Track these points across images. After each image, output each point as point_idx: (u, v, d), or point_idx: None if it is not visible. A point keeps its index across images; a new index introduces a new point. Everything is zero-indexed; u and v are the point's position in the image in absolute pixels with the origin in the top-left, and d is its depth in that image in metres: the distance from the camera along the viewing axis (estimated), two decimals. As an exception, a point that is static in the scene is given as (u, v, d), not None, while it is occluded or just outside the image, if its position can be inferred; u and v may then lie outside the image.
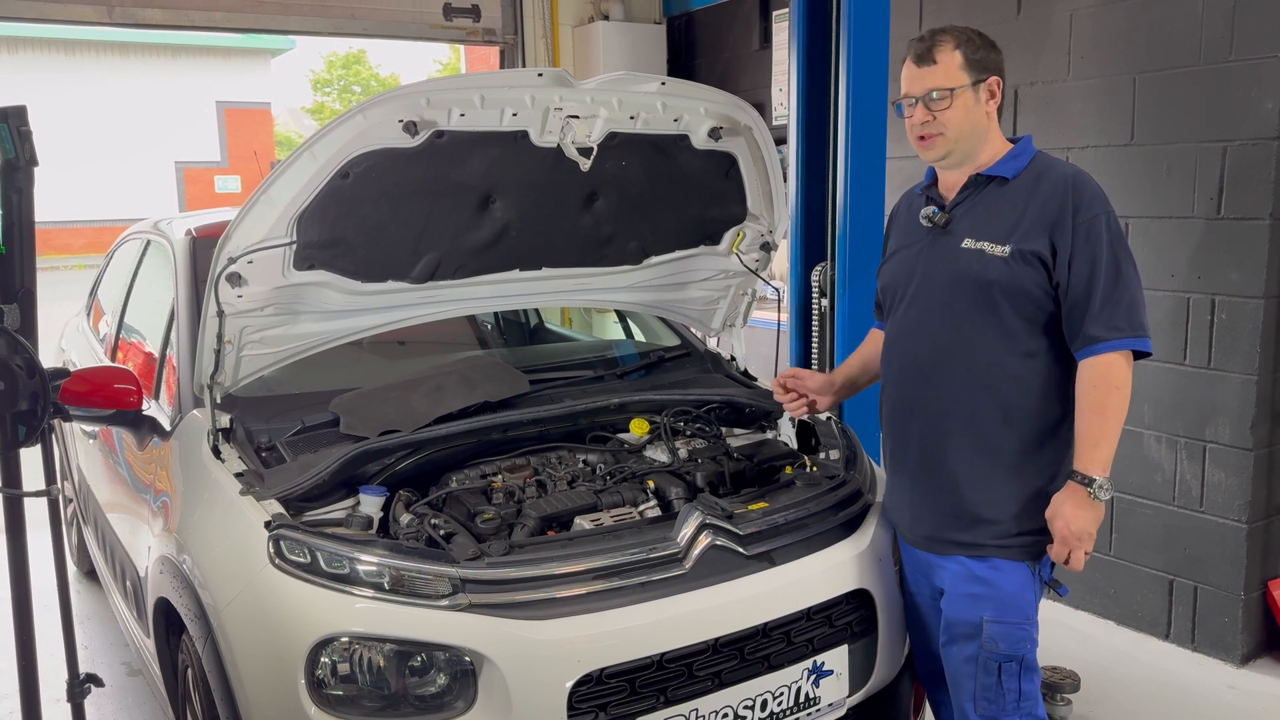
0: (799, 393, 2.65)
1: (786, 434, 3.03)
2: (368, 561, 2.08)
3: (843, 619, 2.38)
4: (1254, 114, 3.38)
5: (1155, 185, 3.68)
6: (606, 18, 6.17)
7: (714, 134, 2.75)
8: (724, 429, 2.96)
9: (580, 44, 6.25)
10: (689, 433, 2.87)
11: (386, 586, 2.05)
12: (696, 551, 2.23)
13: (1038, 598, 2.25)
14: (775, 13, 5.61)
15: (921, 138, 2.22)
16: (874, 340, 2.62)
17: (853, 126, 3.67)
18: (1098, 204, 2.12)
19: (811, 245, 3.98)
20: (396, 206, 2.50)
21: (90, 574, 4.38)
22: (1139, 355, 2.12)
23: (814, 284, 3.92)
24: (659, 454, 2.77)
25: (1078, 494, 2.11)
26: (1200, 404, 3.61)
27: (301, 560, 2.10)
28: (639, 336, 3.74)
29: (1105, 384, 2.09)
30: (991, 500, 2.21)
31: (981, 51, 2.18)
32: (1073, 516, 2.11)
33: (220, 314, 2.44)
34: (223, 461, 2.45)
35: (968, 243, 2.20)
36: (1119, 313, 2.08)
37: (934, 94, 2.16)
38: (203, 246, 3.10)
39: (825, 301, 3.88)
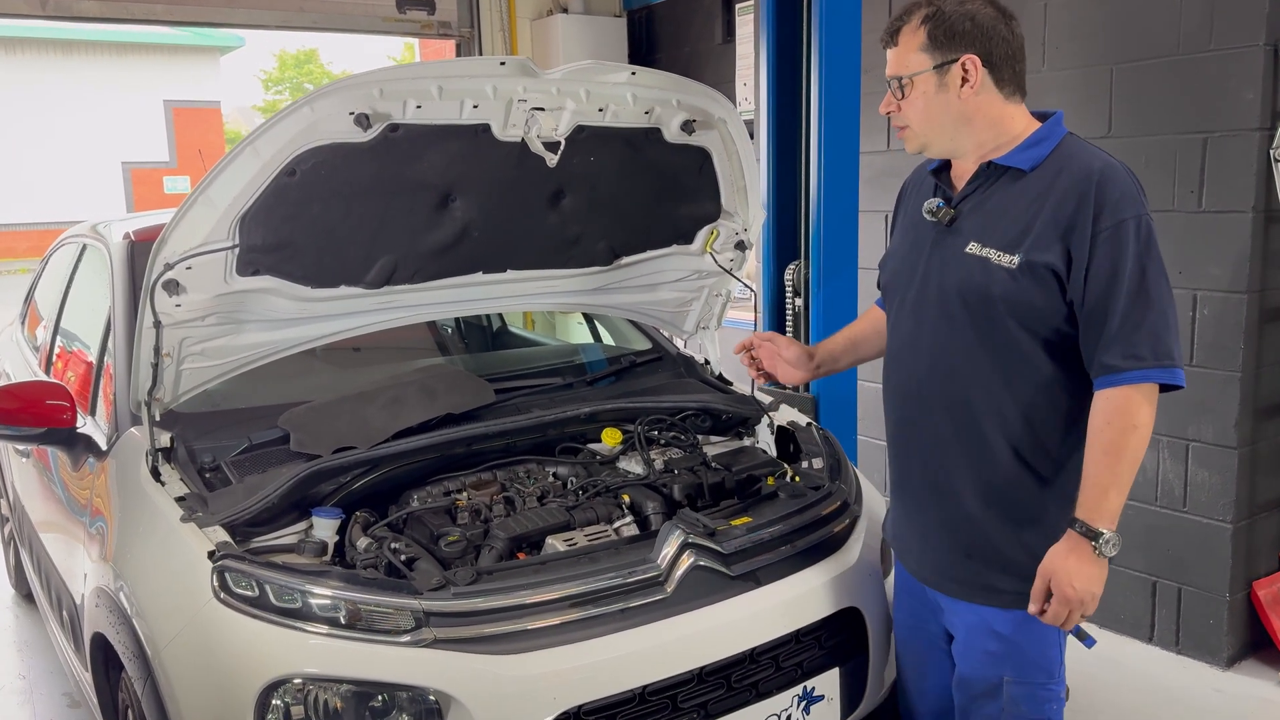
0: (766, 359, 2.39)
1: (765, 441, 2.90)
2: (321, 594, 1.91)
3: (832, 640, 2.25)
4: (1235, 104, 3.30)
5: (1134, 178, 3.59)
6: (565, 11, 6.01)
7: (687, 127, 2.61)
8: (700, 437, 2.82)
9: (539, 37, 6.09)
10: (663, 441, 2.73)
11: (343, 621, 1.88)
12: (679, 573, 2.08)
13: (1063, 650, 2.02)
14: (738, 5, 5.48)
15: (898, 128, 1.99)
16: (870, 319, 2.37)
17: (826, 119, 3.55)
18: (1127, 206, 1.78)
19: (784, 243, 3.86)
20: (348, 206, 2.32)
21: (29, 597, 4.14)
22: (1166, 388, 1.81)
23: (787, 283, 3.80)
24: (633, 465, 2.62)
25: (1080, 548, 1.81)
26: (1182, 402, 3.52)
27: (249, 594, 1.92)
28: (607, 339, 3.59)
29: (1121, 421, 1.78)
30: (1008, 540, 1.95)
31: (954, 24, 1.85)
32: (1076, 573, 1.80)
33: (157, 325, 2.26)
34: (162, 484, 2.27)
35: (972, 247, 1.89)
36: (1140, 338, 1.77)
37: (894, 81, 1.93)
38: (141, 251, 2.91)
39: (799, 301, 3.75)
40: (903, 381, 2.07)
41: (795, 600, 2.18)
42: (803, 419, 2.92)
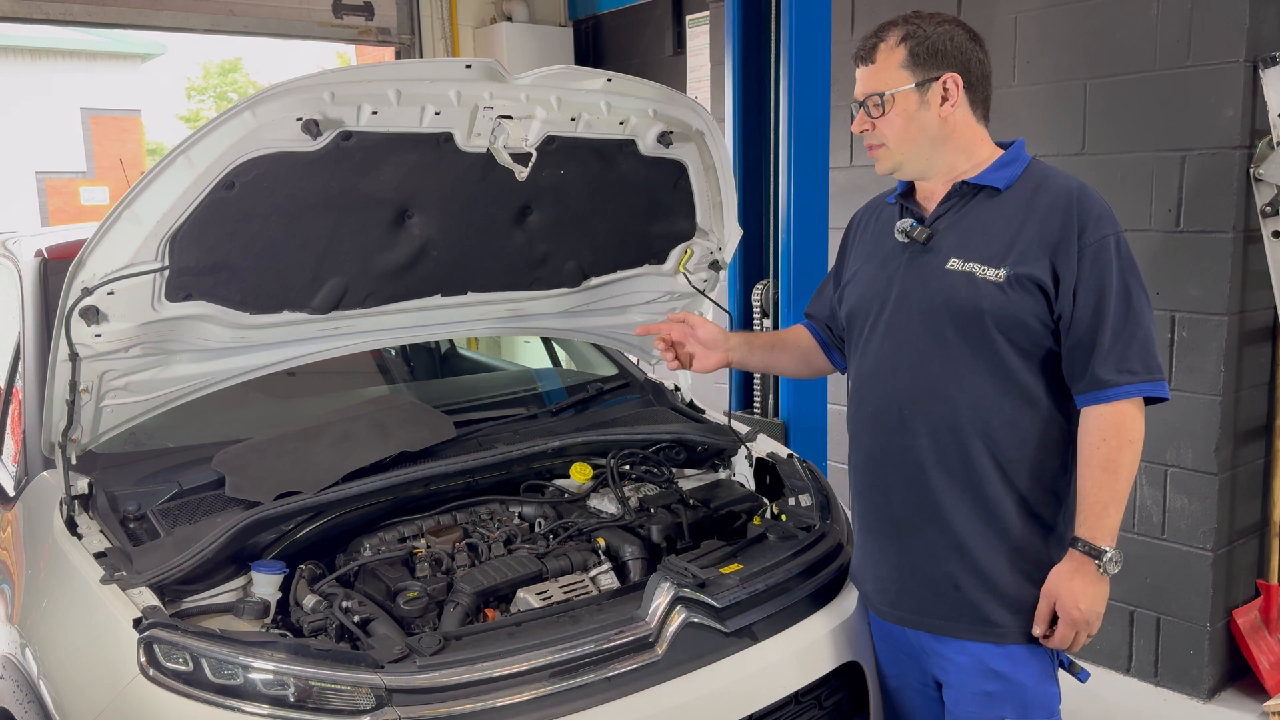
0: (682, 344, 2.25)
1: (742, 474, 2.71)
2: (264, 669, 1.66)
3: (832, 698, 2.07)
4: (1214, 122, 3.22)
5: (1109, 197, 3.32)
6: (509, 19, 5.81)
7: (663, 139, 2.41)
8: (673, 470, 2.62)
9: (482, 46, 5.87)
10: (634, 476, 2.53)
11: (291, 700, 1.65)
12: (670, 631, 1.88)
13: (1059, 685, 1.94)
14: (690, 17, 5.33)
15: (870, 147, 1.94)
16: (796, 332, 2.34)
17: (795, 135, 3.40)
18: (1106, 223, 1.82)
19: (751, 262, 3.69)
20: (293, 223, 2.08)
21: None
22: (1151, 401, 1.82)
23: (755, 304, 3.63)
24: (605, 504, 2.42)
25: (1085, 568, 1.79)
26: (1161, 426, 3.43)
27: (182, 669, 1.68)
28: (566, 362, 3.38)
29: (1117, 437, 1.79)
30: (1001, 568, 1.87)
31: (935, 43, 1.85)
32: (1082, 594, 1.79)
33: (74, 357, 1.99)
34: (80, 538, 2.00)
35: (954, 263, 1.87)
36: (1132, 352, 1.78)
37: (871, 99, 1.89)
38: (55, 270, 2.62)
39: (768, 322, 3.59)
40: (881, 405, 1.97)
41: (794, 657, 2.00)
42: (783, 450, 2.75)
